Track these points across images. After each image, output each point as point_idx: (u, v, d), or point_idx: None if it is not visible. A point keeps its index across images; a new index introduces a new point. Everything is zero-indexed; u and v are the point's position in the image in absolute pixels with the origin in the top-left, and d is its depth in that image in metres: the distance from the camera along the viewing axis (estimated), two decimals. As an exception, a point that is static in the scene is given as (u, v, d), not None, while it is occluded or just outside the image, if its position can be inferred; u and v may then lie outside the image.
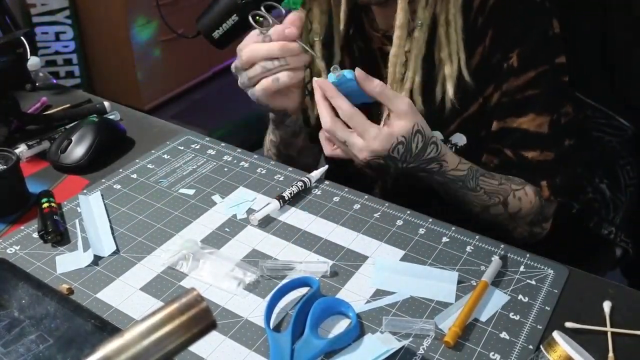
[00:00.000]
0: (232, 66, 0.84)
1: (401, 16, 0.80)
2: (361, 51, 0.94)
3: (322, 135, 0.81)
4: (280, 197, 0.81)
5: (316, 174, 0.86)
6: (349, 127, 0.75)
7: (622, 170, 1.02)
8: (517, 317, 0.64)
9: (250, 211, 0.80)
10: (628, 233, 1.02)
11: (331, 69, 0.75)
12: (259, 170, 0.90)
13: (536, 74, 0.83)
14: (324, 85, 0.75)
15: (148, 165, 0.91)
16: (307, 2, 0.88)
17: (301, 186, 0.83)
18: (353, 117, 0.73)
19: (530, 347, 0.61)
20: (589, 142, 1.00)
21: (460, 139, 0.90)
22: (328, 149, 0.81)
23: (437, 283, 0.69)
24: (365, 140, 0.73)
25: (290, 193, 0.82)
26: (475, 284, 0.68)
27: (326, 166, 0.88)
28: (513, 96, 0.85)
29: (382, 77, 0.86)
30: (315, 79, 0.76)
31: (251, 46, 0.79)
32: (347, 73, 0.74)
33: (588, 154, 0.99)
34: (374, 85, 0.74)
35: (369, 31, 0.92)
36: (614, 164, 1.02)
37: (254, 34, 0.80)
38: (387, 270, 0.70)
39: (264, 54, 0.78)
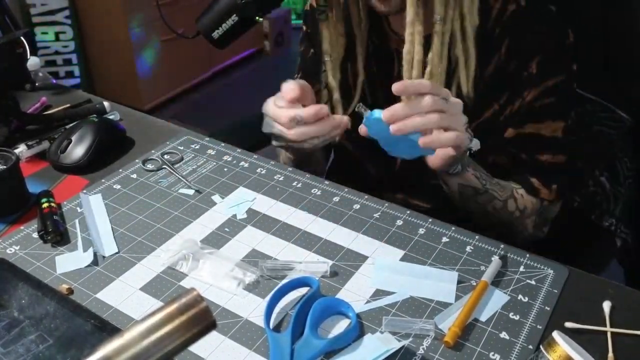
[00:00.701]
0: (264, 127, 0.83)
1: (411, 12, 0.78)
2: (377, 49, 0.94)
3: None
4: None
5: None
6: None
7: (621, 163, 1.03)
8: (517, 317, 0.64)
9: (250, 211, 0.80)
10: (628, 224, 1.03)
11: (356, 108, 0.73)
12: (259, 170, 0.90)
13: (554, 83, 0.84)
14: (405, 83, 0.69)
15: (149, 166, 0.91)
16: (317, 25, 0.89)
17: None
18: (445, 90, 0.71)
19: (530, 347, 0.61)
20: (591, 136, 1.00)
21: (476, 144, 0.86)
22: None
23: (437, 283, 0.69)
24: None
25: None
26: (475, 284, 0.68)
27: None
28: (532, 104, 0.85)
29: (397, 77, 0.86)
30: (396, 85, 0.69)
31: (300, 130, 0.77)
32: (376, 113, 0.71)
33: (590, 147, 1.00)
34: (396, 88, 0.69)
35: (386, 31, 0.92)
36: (613, 157, 1.03)
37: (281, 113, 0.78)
38: (387, 270, 0.70)
39: (313, 133, 0.77)
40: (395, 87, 0.69)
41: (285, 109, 0.78)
